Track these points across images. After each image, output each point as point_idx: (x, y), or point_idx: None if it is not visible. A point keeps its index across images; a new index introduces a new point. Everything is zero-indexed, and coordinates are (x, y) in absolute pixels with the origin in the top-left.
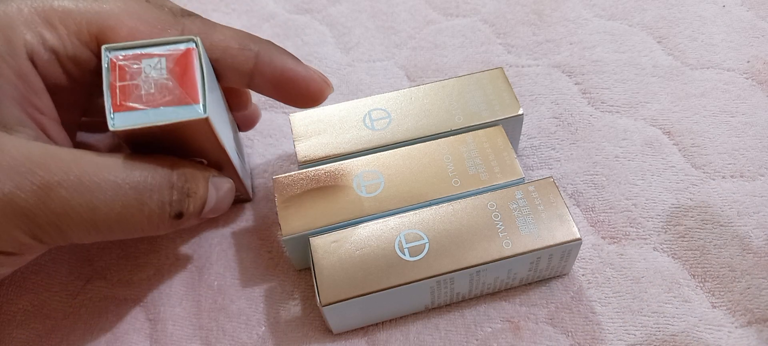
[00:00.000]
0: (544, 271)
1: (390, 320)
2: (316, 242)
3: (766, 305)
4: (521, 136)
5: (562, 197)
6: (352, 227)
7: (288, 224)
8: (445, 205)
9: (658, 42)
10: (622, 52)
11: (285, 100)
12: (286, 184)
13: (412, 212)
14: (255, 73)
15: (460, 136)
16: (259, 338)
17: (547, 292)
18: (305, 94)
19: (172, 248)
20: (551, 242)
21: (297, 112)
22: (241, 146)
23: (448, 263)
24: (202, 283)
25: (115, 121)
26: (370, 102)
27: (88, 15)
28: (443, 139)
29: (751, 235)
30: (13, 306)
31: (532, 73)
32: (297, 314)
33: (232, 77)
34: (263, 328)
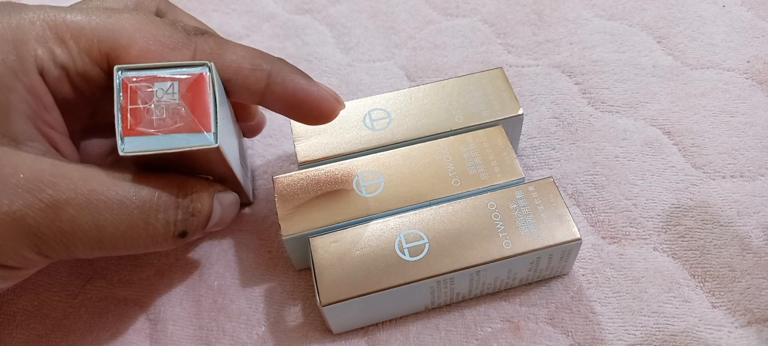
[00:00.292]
0: (544, 271)
1: (390, 320)
2: (316, 242)
3: (766, 305)
4: (521, 136)
5: (562, 197)
6: (352, 227)
7: (288, 224)
8: (445, 205)
9: (658, 42)
10: (622, 52)
11: (296, 119)
12: (286, 184)
13: (412, 212)
14: (267, 93)
15: (460, 136)
16: (259, 338)
17: (547, 292)
18: (317, 113)
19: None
20: (551, 242)
21: None
22: (245, 153)
23: (448, 263)
24: (202, 283)
25: (125, 145)
26: (370, 102)
27: (100, 32)
28: (443, 139)
29: (751, 235)
30: (13, 306)
31: (532, 73)
32: (297, 314)
33: (243, 96)
34: (263, 328)
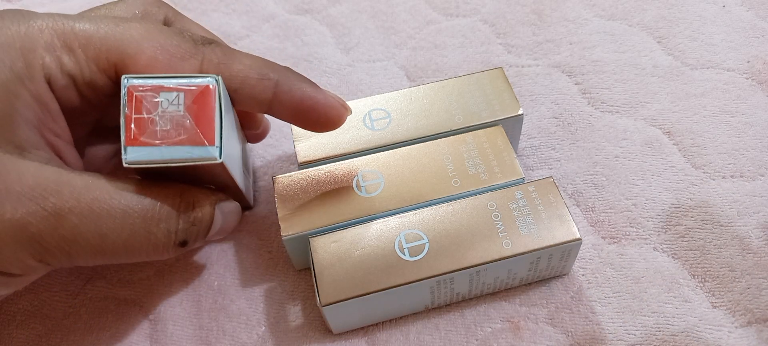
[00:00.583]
0: (544, 271)
1: (390, 320)
2: (316, 242)
3: (766, 305)
4: (521, 136)
5: (562, 197)
6: (352, 227)
7: (288, 224)
8: (445, 205)
9: (658, 42)
10: (622, 52)
11: (304, 126)
12: (286, 184)
13: (412, 212)
14: (274, 102)
15: (460, 136)
16: (259, 338)
17: (547, 292)
18: (324, 120)
19: None
20: (551, 242)
21: None
22: (248, 158)
23: (448, 263)
24: (202, 283)
25: (128, 155)
26: (370, 102)
27: (108, 41)
28: (443, 139)
29: (751, 235)
30: (13, 306)
31: (532, 73)
32: (297, 314)
33: (251, 105)
34: (263, 328)
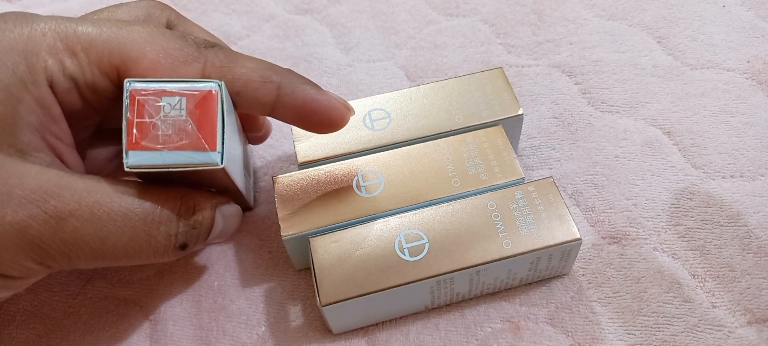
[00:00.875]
0: (544, 271)
1: (390, 320)
2: (316, 242)
3: (766, 305)
4: (521, 136)
5: (562, 197)
6: (352, 227)
7: (288, 224)
8: (445, 205)
9: (658, 42)
10: (622, 52)
11: (307, 128)
12: (286, 184)
13: (412, 212)
14: (277, 105)
15: (460, 136)
16: (259, 338)
17: (547, 292)
18: (327, 122)
19: None
20: (551, 242)
21: None
22: (250, 159)
23: (448, 263)
24: (202, 283)
25: (130, 159)
26: (370, 102)
27: (111, 45)
28: (443, 139)
29: (751, 235)
30: (13, 306)
31: (532, 73)
32: (297, 314)
33: (253, 108)
34: (263, 328)
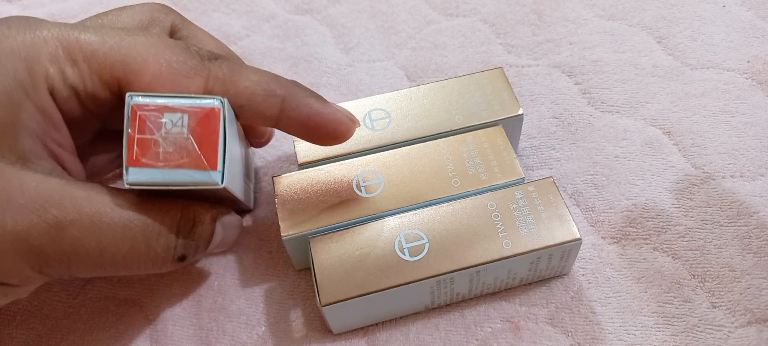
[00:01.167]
0: (544, 271)
1: (390, 320)
2: (316, 242)
3: (766, 305)
4: (521, 136)
5: (562, 197)
6: (352, 227)
7: (288, 224)
8: (445, 205)
9: (658, 42)
10: (622, 52)
11: (312, 141)
12: (286, 184)
13: (412, 212)
14: (281, 119)
15: (459, 136)
16: (259, 338)
17: (547, 292)
18: (333, 135)
19: None
20: (551, 242)
21: None
22: (251, 163)
23: (448, 263)
24: (202, 283)
25: (130, 176)
26: (370, 102)
27: (113, 56)
28: (443, 139)
29: (751, 235)
30: (13, 306)
31: (532, 73)
32: (297, 314)
33: (257, 121)
34: (263, 328)
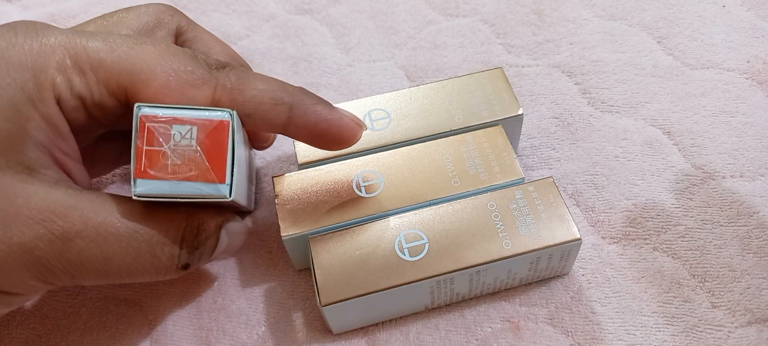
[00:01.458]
0: (544, 271)
1: (390, 320)
2: (316, 242)
3: (766, 305)
4: (521, 136)
5: (562, 197)
6: (352, 227)
7: (288, 224)
8: (445, 205)
9: (658, 42)
10: (622, 52)
11: (319, 146)
12: (286, 184)
13: (412, 212)
14: (288, 126)
15: (459, 136)
16: (259, 338)
17: (547, 292)
18: (339, 140)
19: None
20: (551, 242)
21: None
22: (253, 166)
23: (448, 263)
24: (202, 283)
25: (138, 188)
26: (370, 102)
27: (121, 65)
28: (443, 139)
29: (751, 235)
30: None
31: (532, 73)
32: (297, 314)
33: (265, 129)
34: (263, 328)
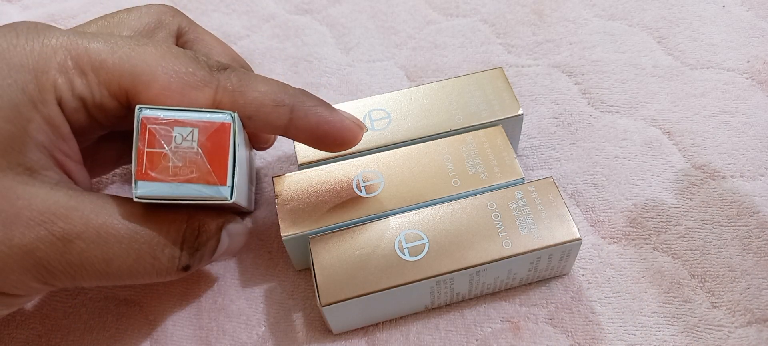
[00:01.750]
0: (544, 271)
1: (390, 320)
2: (316, 242)
3: (766, 305)
4: (521, 136)
5: (562, 197)
6: (352, 227)
7: (288, 224)
8: (445, 205)
9: (658, 42)
10: (622, 52)
11: (320, 148)
12: (285, 184)
13: (412, 212)
14: (290, 128)
15: (459, 136)
16: (259, 338)
17: (547, 292)
18: (340, 141)
19: None
20: (551, 242)
21: None
22: (253, 166)
23: (448, 263)
24: (202, 283)
25: (139, 190)
26: (370, 102)
27: (122, 67)
28: (443, 139)
29: (751, 235)
30: None
31: (532, 73)
32: (297, 314)
33: (266, 130)
34: (263, 328)
